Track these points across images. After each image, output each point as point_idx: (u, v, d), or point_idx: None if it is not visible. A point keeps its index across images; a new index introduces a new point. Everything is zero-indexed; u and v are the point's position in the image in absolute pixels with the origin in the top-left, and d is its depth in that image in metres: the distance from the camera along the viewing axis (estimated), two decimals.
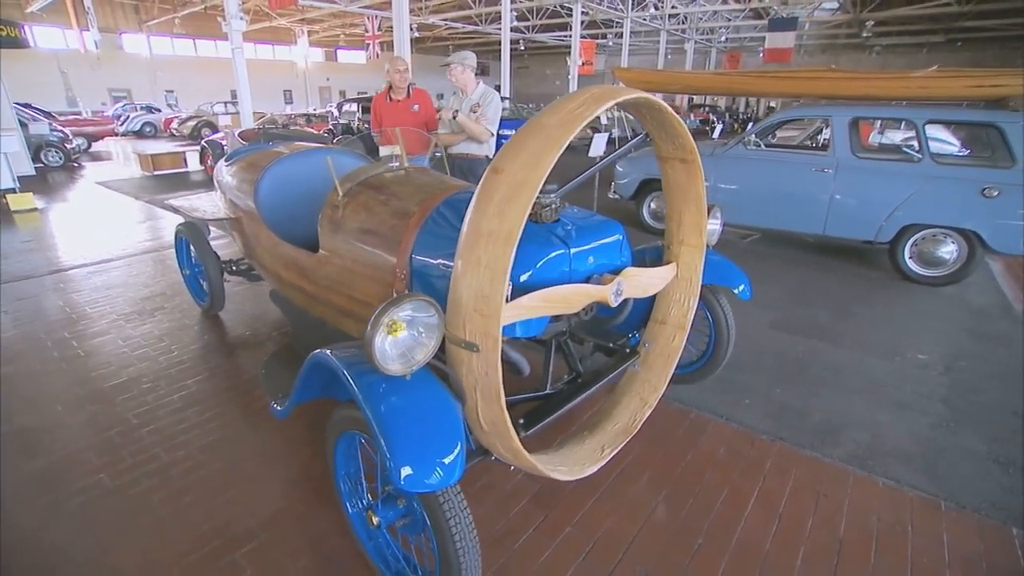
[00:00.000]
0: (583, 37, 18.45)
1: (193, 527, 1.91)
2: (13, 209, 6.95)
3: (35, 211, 7.07)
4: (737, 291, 2.43)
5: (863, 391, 2.87)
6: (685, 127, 1.75)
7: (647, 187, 5.98)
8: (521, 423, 1.75)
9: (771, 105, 24.49)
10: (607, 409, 2.16)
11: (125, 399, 2.71)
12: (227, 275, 3.51)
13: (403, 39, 10.38)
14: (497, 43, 17.26)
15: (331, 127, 14.31)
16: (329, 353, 1.50)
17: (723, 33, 27.87)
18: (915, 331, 3.62)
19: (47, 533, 1.89)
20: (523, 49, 27.20)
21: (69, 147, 11.52)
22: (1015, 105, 4.31)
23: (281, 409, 1.85)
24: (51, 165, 11.17)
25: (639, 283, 1.89)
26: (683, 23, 24.35)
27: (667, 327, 2.21)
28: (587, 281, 1.74)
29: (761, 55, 19.65)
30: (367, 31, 17.57)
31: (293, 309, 2.68)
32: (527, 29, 24.93)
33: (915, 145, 4.66)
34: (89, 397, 2.73)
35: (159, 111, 21.38)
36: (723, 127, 12.78)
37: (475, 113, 3.89)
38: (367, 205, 2.13)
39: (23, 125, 9.70)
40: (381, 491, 1.54)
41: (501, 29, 15.97)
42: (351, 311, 2.17)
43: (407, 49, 10.44)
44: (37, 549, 1.82)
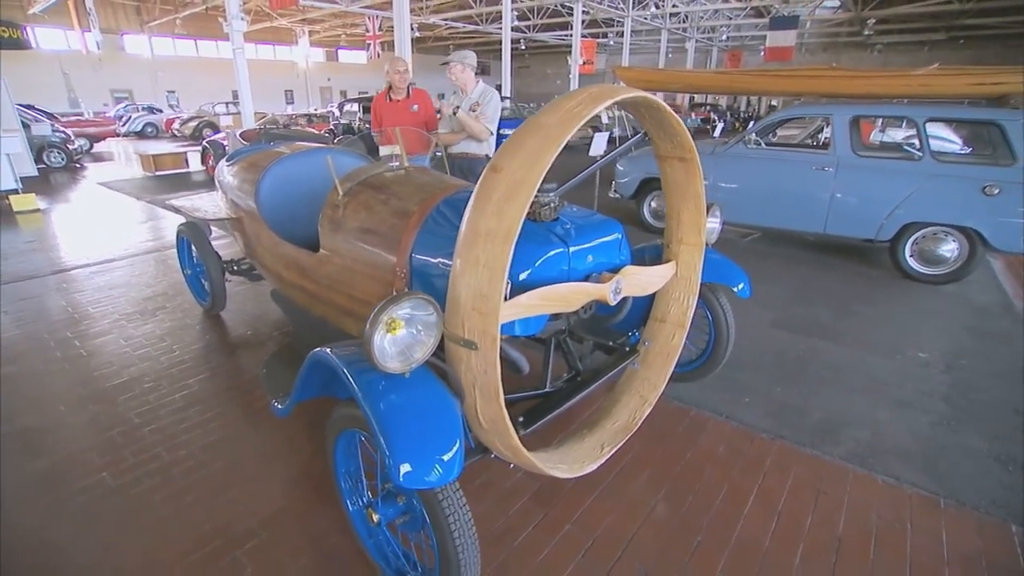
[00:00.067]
0: (584, 36, 18.45)
1: (194, 526, 1.92)
2: (16, 210, 6.98)
3: (38, 212, 7.09)
4: (736, 289, 2.44)
5: (864, 389, 2.87)
6: (684, 126, 1.76)
7: (647, 186, 5.98)
8: (520, 421, 1.75)
9: (772, 104, 24.50)
10: (607, 407, 2.17)
11: (127, 398, 2.72)
12: (228, 275, 3.52)
13: (404, 39, 10.40)
14: (498, 42, 17.25)
15: (332, 127, 14.32)
16: (329, 351, 1.51)
17: (724, 32, 27.84)
18: (916, 329, 3.62)
19: (49, 532, 1.90)
20: (524, 48, 27.22)
21: (71, 148, 11.56)
22: (1015, 103, 4.31)
23: (282, 408, 1.86)
24: (53, 166, 11.21)
25: (638, 281, 1.89)
26: (684, 22, 24.34)
27: (667, 325, 2.22)
28: (586, 280, 1.74)
29: (762, 54, 19.66)
30: (368, 31, 17.61)
31: (294, 309, 2.69)
32: (528, 28, 24.94)
33: (916, 143, 4.66)
34: (91, 397, 2.74)
35: (161, 112, 21.44)
36: (724, 126, 12.76)
37: (474, 112, 3.89)
38: (367, 204, 2.14)
39: (25, 126, 9.70)
40: (381, 488, 1.55)
41: (502, 28, 15.99)
42: (352, 310, 2.18)
43: (408, 49, 10.45)
44: (39, 548, 1.83)
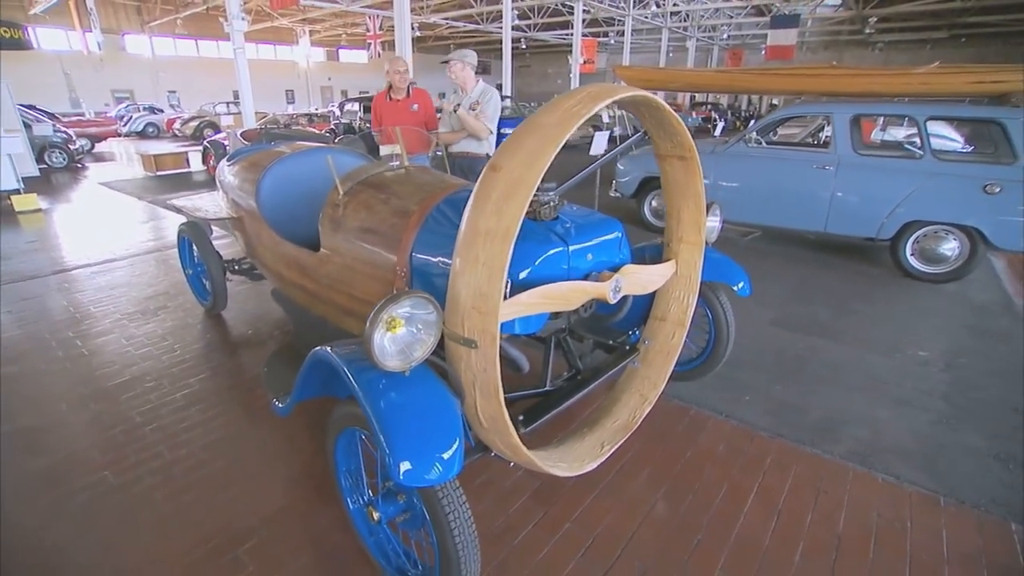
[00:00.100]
0: (585, 35, 18.43)
1: (195, 524, 1.93)
2: (18, 210, 7.00)
3: (39, 212, 7.11)
4: (736, 288, 2.44)
5: (863, 388, 2.87)
6: (683, 124, 1.76)
7: (648, 185, 5.97)
8: (521, 420, 1.75)
9: (773, 102, 24.43)
10: (607, 406, 2.17)
11: (129, 397, 2.73)
12: (229, 274, 3.53)
13: (404, 38, 10.40)
14: (498, 42, 17.25)
15: (333, 127, 14.33)
16: (329, 350, 1.51)
17: (725, 31, 27.81)
18: (916, 328, 3.62)
19: (51, 530, 1.91)
20: (524, 48, 27.20)
21: (73, 148, 11.57)
22: (1017, 101, 4.31)
23: (283, 407, 1.87)
24: (55, 166, 11.22)
25: (638, 280, 1.90)
26: (685, 21, 24.31)
27: (667, 324, 2.22)
28: (586, 278, 1.74)
29: (763, 52, 19.61)
30: (368, 30, 17.62)
31: (295, 308, 2.70)
32: (528, 28, 24.93)
33: (917, 142, 4.65)
34: (93, 396, 2.75)
35: (162, 112, 21.45)
36: (725, 125, 12.73)
37: (474, 111, 3.90)
38: (368, 204, 2.14)
39: (27, 126, 9.72)
40: (381, 487, 1.56)
41: (502, 28, 15.98)
42: (352, 309, 2.18)
43: (408, 48, 10.45)
44: (40, 546, 1.84)
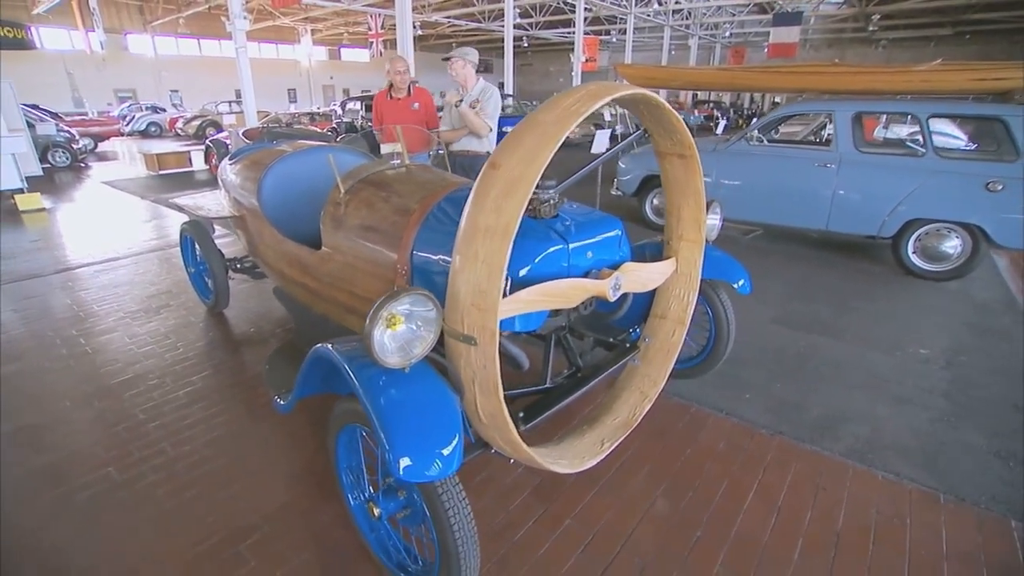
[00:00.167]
0: (586, 34, 18.38)
1: (198, 520, 1.94)
2: (21, 209, 7.02)
3: (43, 211, 7.13)
4: (737, 286, 2.44)
5: (864, 386, 2.87)
6: (683, 122, 1.76)
7: (650, 183, 5.97)
8: (521, 417, 1.76)
9: (776, 100, 24.35)
10: (607, 403, 2.18)
11: (132, 395, 2.75)
12: (231, 273, 3.55)
13: (406, 37, 10.38)
14: (500, 40, 17.21)
15: (335, 125, 14.35)
16: (330, 347, 1.52)
17: (727, 28, 27.73)
18: (917, 326, 3.61)
19: (56, 525, 1.92)
20: (526, 46, 27.12)
21: (76, 147, 11.61)
22: (1020, 98, 4.29)
23: (284, 404, 1.88)
24: (58, 165, 11.26)
25: (638, 278, 1.90)
26: (687, 19, 24.23)
27: (667, 322, 2.22)
28: (586, 276, 1.75)
29: (766, 50, 19.56)
30: (370, 29, 17.62)
31: (296, 306, 2.71)
32: (530, 26, 24.90)
33: (919, 139, 4.64)
34: (97, 393, 2.77)
35: (164, 111, 21.52)
36: (727, 123, 12.71)
37: (474, 108, 3.90)
38: (369, 202, 2.15)
39: (30, 126, 9.77)
40: (382, 483, 1.57)
41: (504, 26, 15.96)
42: (353, 307, 2.19)
43: (410, 47, 10.43)
44: (46, 542, 1.86)
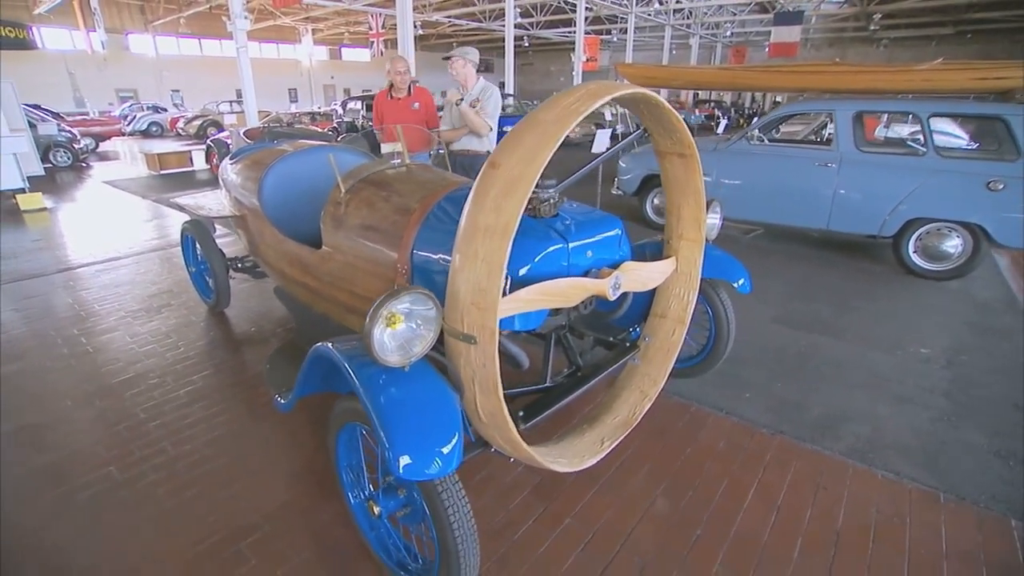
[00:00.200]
0: (587, 33, 18.38)
1: (198, 519, 1.95)
2: (23, 209, 7.04)
3: (44, 210, 7.14)
4: (737, 285, 2.44)
5: (864, 385, 2.87)
6: (683, 122, 1.76)
7: (651, 183, 5.96)
8: (521, 416, 1.77)
9: (777, 100, 24.32)
10: (607, 402, 2.18)
11: (133, 394, 2.75)
12: (232, 272, 3.55)
13: (407, 36, 10.38)
14: (501, 40, 17.21)
15: (336, 125, 14.35)
16: (330, 346, 1.53)
17: (728, 28, 27.70)
18: (917, 325, 3.61)
19: (57, 525, 1.93)
20: (527, 46, 27.09)
21: (77, 147, 11.63)
22: (1021, 98, 4.28)
23: (285, 403, 1.88)
24: (59, 165, 11.28)
25: (638, 277, 1.90)
26: (688, 18, 24.22)
27: (667, 321, 2.23)
28: (586, 275, 1.75)
29: (767, 50, 19.53)
30: (371, 29, 17.60)
31: (297, 305, 2.71)
32: (531, 26, 24.88)
33: (920, 139, 4.63)
34: (97, 392, 2.77)
35: (165, 111, 21.53)
36: (728, 122, 12.72)
37: (474, 108, 3.91)
38: (369, 201, 2.15)
39: (32, 126, 9.78)
40: (382, 481, 1.57)
41: (505, 26, 15.95)
42: (354, 307, 2.19)
43: (411, 46, 10.43)
44: (47, 541, 1.86)
